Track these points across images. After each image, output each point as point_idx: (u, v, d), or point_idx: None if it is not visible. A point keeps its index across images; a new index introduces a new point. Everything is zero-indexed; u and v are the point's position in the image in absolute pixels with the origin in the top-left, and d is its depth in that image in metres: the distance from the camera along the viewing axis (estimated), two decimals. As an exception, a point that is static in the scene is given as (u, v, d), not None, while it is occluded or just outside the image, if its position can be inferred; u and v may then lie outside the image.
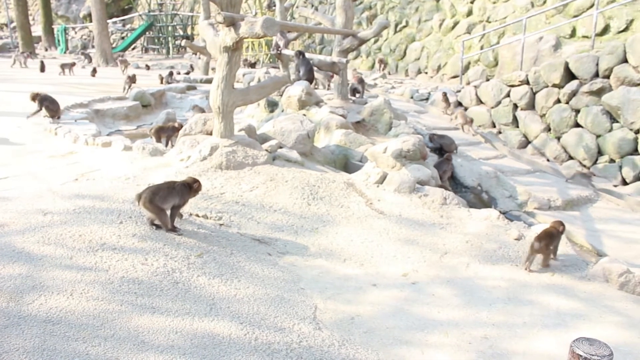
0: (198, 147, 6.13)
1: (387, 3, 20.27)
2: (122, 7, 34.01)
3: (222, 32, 5.97)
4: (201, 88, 13.85)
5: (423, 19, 18.58)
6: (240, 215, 4.96)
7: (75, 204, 4.93)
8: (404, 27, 19.41)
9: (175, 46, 27.56)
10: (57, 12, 35.04)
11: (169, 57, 25.10)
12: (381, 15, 20.25)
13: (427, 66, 17.89)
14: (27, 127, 8.39)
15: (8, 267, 3.80)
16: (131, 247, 4.18)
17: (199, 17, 21.24)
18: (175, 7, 28.66)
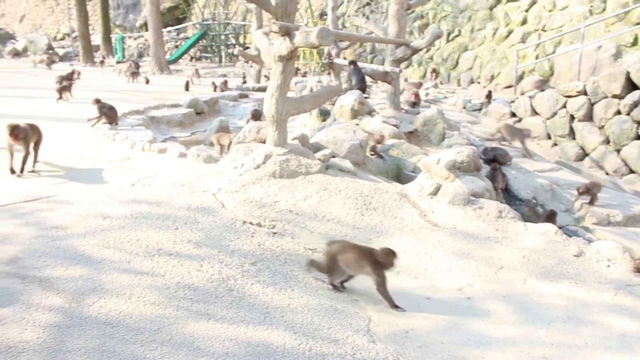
0: (252, 155, 6.18)
1: (439, 12, 20.12)
2: (176, 17, 34.79)
3: (276, 41, 6.01)
4: (253, 96, 14.02)
5: (476, 27, 18.36)
6: (293, 224, 4.96)
7: (132, 209, 5.03)
8: (456, 36, 19.22)
9: (227, 54, 27.98)
10: (115, 21, 36.14)
11: (221, 66, 25.52)
12: (433, 24, 20.10)
13: (480, 76, 17.66)
14: (87, 133, 8.65)
15: (70, 269, 3.90)
16: (187, 253, 4.24)
17: (251, 26, 21.53)
18: (228, 16, 29.12)
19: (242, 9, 29.22)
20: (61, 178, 6.25)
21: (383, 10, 23.11)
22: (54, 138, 8.37)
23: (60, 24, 43.18)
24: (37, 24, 45.45)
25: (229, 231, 4.67)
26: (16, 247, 4.29)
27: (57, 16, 44.30)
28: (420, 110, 10.27)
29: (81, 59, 27.86)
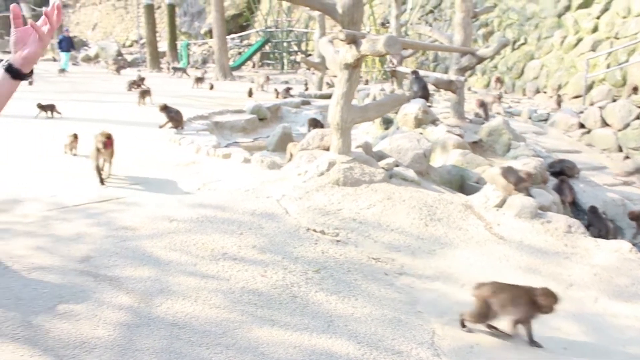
0: (315, 162, 6.20)
1: (504, 20, 19.73)
2: (240, 24, 35.43)
3: (342, 49, 6.02)
4: (315, 103, 14.09)
5: (543, 35, 17.90)
6: (357, 233, 4.94)
7: (198, 213, 5.13)
8: (522, 44, 18.80)
9: (289, 62, 28.27)
10: (180, 29, 37.10)
11: (283, 72, 25.81)
12: (498, 32, 19.73)
13: (547, 85, 17.20)
14: (154, 137, 8.89)
15: (139, 269, 4.00)
16: (251, 258, 4.28)
17: (314, 34, 21.68)
18: (291, 23, 29.46)
19: (305, 17, 29.47)
20: (129, 180, 6.43)
21: (446, 18, 22.87)
22: (123, 141, 8.64)
23: (129, 31, 44.66)
24: (108, 31, 47.17)
25: (292, 238, 4.69)
26: (88, 246, 4.44)
27: (127, 24, 45.84)
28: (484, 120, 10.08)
29: (148, 65, 28.70)
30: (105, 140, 6.13)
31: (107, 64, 28.27)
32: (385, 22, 23.74)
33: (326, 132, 7.06)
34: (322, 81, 16.99)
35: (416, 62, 23.34)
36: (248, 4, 34.14)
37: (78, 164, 7.23)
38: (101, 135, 6.18)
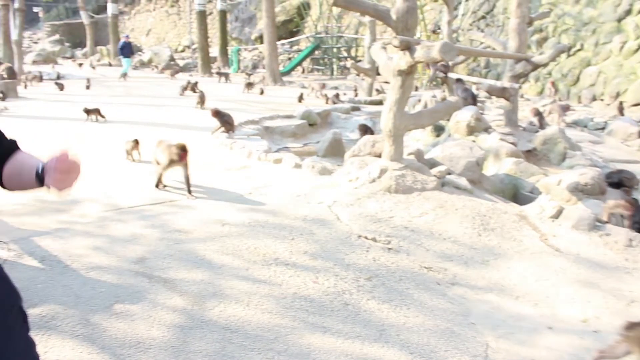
0: (367, 168, 6.16)
1: (559, 25, 19.28)
2: (290, 30, 35.68)
3: (396, 55, 5.97)
4: (365, 109, 14.05)
5: (601, 41, 17.40)
6: (409, 241, 4.88)
7: (250, 217, 5.16)
8: (578, 50, 18.32)
9: (339, 67, 28.31)
10: (231, 34, 37.62)
11: (332, 78, 25.86)
12: (553, 38, 19.29)
13: (604, 92, 16.70)
14: (206, 141, 9.02)
15: (192, 272, 4.05)
16: (302, 264, 4.27)
17: (364, 40, 21.65)
18: (341, 29, 29.50)
19: (355, 22, 29.48)
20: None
21: (499, 23, 22.50)
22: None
23: (181, 37, 45.58)
24: (161, 37, 48.26)
25: (344, 244, 4.67)
26: (143, 247, 4.52)
27: (179, 30, 46.79)
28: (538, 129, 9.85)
29: (199, 70, 29.21)
30: (181, 152, 6.01)
31: (156, 68, 29.05)
32: (436, 28, 23.52)
33: (378, 139, 7.02)
34: (371, 87, 16.94)
35: (467, 68, 23.03)
36: (298, 10, 34.38)
37: (133, 166, 7.41)
38: (177, 148, 6.03)
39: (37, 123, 10.93)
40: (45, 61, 35.77)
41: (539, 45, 19.79)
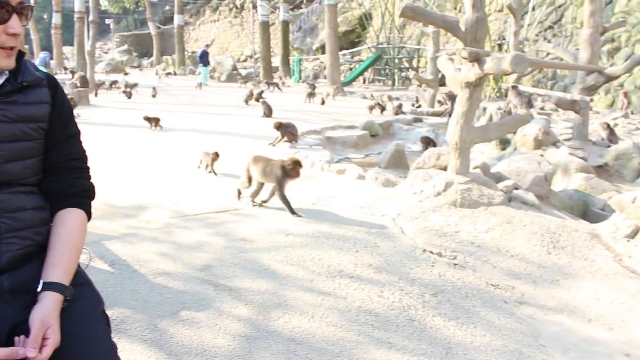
0: (431, 181, 6.07)
1: (634, 34, 18.56)
2: (351, 40, 35.83)
3: (464, 67, 5.88)
4: (427, 121, 13.91)
5: (678, 53, 16.67)
6: (475, 257, 4.76)
7: (314, 228, 5.16)
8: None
9: (400, 78, 28.17)
10: (293, 44, 38.06)
11: (393, 89, 25.74)
12: (626, 49, 18.58)
13: (680, 107, 15.97)
14: (269, 151, 9.11)
15: (257, 281, 4.07)
16: (367, 277, 4.22)
17: (426, 50, 21.48)
18: (403, 40, 29.36)
19: (417, 33, 29.31)
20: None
21: (567, 33, 21.89)
22: (239, 153, 8.93)
23: (244, 47, 46.49)
24: (224, 47, 49.33)
25: (408, 258, 4.60)
26: (208, 255, 4.58)
27: (242, 40, 47.73)
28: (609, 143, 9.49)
29: (261, 79, 29.65)
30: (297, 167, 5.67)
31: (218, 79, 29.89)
32: (501, 39, 23.09)
33: (442, 152, 6.92)
34: (434, 98, 16.75)
35: (532, 80, 22.47)
36: (360, 21, 34.47)
37: (198, 174, 7.55)
38: (292, 163, 5.68)
39: (106, 130, 11.33)
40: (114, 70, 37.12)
41: (610, 56, 19.12)
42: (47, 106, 1.82)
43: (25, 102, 1.76)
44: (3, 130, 1.69)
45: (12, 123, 1.72)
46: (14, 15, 1.60)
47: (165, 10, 58.80)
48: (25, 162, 1.77)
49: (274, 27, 37.21)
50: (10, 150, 1.72)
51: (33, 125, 1.77)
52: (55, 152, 1.87)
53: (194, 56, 43.06)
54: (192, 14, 56.95)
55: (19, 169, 1.75)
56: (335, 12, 23.96)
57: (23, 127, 1.75)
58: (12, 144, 1.72)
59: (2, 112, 1.70)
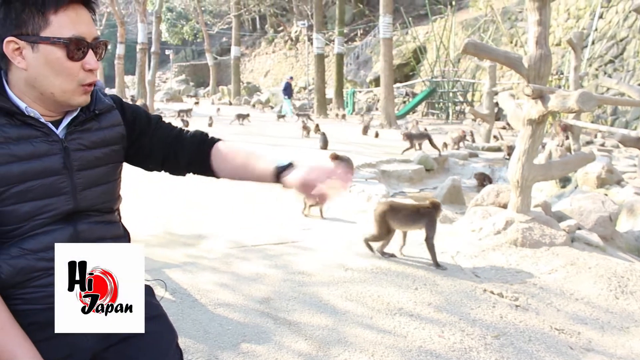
0: (491, 219, 5.97)
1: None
2: (405, 73, 35.93)
3: (526, 104, 5.81)
4: (483, 156, 13.74)
5: None
6: (537, 299, 4.63)
7: (372, 264, 5.13)
8: None
9: (454, 112, 27.99)
10: (347, 77, 38.41)
11: (447, 123, 25.57)
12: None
13: None
14: (325, 183, 9.16)
15: (316, 316, 4.06)
16: (427, 316, 4.16)
17: (482, 85, 21.32)
18: (458, 73, 29.24)
19: (472, 67, 29.17)
20: (303, 225, 6.64)
21: (629, 68, 21.35)
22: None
23: (297, 78, 47.15)
24: (279, 78, 50.15)
25: (469, 298, 4.51)
26: (268, 287, 4.60)
27: (296, 71, 48.48)
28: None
29: (315, 111, 29.98)
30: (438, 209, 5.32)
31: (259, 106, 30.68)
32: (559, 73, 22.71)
33: (502, 189, 6.81)
34: (490, 133, 16.55)
35: (591, 115, 21.95)
36: (415, 54, 34.56)
37: (256, 205, 7.65)
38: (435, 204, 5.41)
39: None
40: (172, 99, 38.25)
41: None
42: (119, 127, 1.89)
43: (99, 128, 1.83)
44: (80, 158, 1.77)
45: (87, 150, 1.79)
46: (90, 52, 1.67)
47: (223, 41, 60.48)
48: (101, 188, 1.84)
49: (328, 60, 37.66)
50: (87, 177, 1.79)
51: (107, 150, 1.85)
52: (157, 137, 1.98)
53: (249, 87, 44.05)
54: (248, 46, 58.35)
55: (96, 194, 1.82)
56: (391, 45, 24.10)
57: (97, 152, 1.82)
58: (89, 171, 1.79)
59: (78, 141, 1.77)
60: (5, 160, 1.63)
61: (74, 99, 1.69)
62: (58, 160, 1.72)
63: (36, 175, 1.68)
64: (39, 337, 1.67)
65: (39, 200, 1.68)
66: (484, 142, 15.98)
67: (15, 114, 1.66)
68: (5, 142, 1.64)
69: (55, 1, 1.58)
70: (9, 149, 1.64)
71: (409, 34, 35.47)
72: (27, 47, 1.60)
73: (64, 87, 1.65)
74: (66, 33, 1.60)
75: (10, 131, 1.65)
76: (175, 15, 59.28)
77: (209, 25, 49.78)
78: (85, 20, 1.66)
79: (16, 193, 1.65)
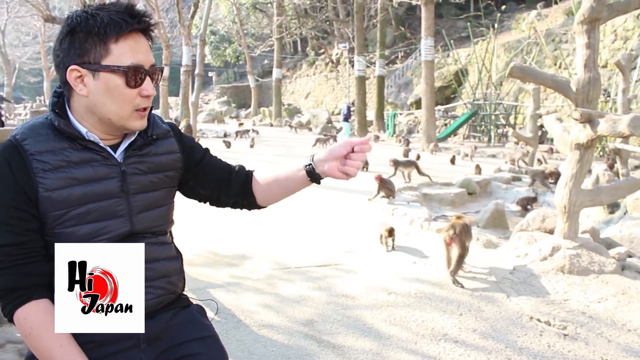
0: (536, 245, 5.87)
1: None
2: (446, 96, 35.73)
3: (574, 128, 5.72)
4: (526, 179, 13.50)
5: None
6: (587, 329, 4.51)
7: (416, 288, 5.09)
8: None
9: (496, 135, 27.66)
10: (387, 99, 38.41)
11: (489, 146, 25.27)
12: None
13: None
14: (367, 205, 9.18)
15: (360, 340, 4.04)
16: (472, 343, 4.10)
17: (526, 108, 21.04)
18: (500, 96, 28.93)
19: (515, 89, 28.82)
20: (346, 247, 6.64)
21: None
22: (338, 207, 9.04)
23: (338, 100, 47.36)
24: (319, 100, 50.52)
25: (514, 325, 4.43)
26: (311, 309, 4.61)
27: (337, 93, 48.72)
28: None
29: (356, 133, 30.02)
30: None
31: (291, 127, 31.04)
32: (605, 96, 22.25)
33: (548, 214, 6.69)
34: (533, 157, 16.29)
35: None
36: (456, 76, 34.39)
37: (299, 226, 7.69)
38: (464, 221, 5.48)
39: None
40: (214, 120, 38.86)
41: None
42: (175, 155, 1.95)
43: (156, 154, 1.89)
44: (137, 182, 1.82)
45: (143, 175, 1.85)
46: (147, 78, 1.73)
47: (264, 64, 61.32)
48: (156, 211, 1.90)
49: (369, 82, 37.78)
50: (143, 200, 1.84)
51: (161, 175, 1.90)
52: (207, 171, 2.07)
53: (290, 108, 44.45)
54: (289, 68, 59.01)
55: (150, 218, 1.87)
56: (433, 68, 24.03)
57: (153, 177, 1.88)
58: (145, 195, 1.85)
59: (136, 165, 1.83)
60: (67, 183, 1.69)
61: (130, 124, 1.75)
62: (116, 183, 1.78)
63: (95, 198, 1.74)
64: (95, 355, 1.72)
65: (98, 223, 1.74)
66: (528, 165, 15.73)
67: (77, 139, 1.72)
68: (67, 165, 1.70)
69: (116, 31, 1.65)
70: (71, 172, 1.70)
71: (451, 57, 35.33)
72: (88, 74, 1.67)
73: (121, 113, 1.71)
74: (125, 61, 1.66)
75: (72, 155, 1.72)
76: (219, 38, 60.48)
77: (251, 48, 50.59)
78: (143, 48, 1.72)
79: (76, 215, 1.71)
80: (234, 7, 47.76)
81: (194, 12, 24.63)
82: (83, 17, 1.67)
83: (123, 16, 1.66)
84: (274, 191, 2.04)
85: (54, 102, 1.76)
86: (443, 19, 43.57)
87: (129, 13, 1.67)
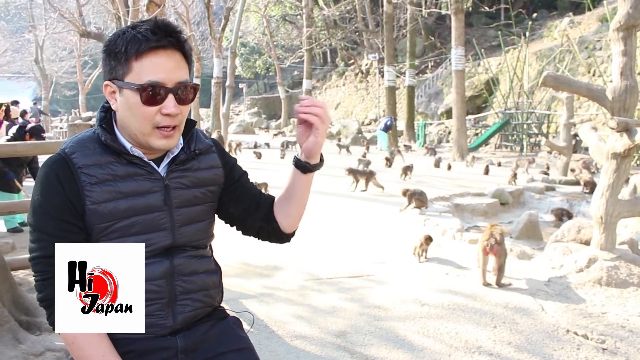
0: (572, 256, 5.77)
1: None
2: (477, 105, 35.40)
3: (611, 137, 5.63)
4: (560, 189, 13.29)
5: None
6: (627, 343, 4.40)
7: (449, 300, 5.04)
8: None
9: (529, 144, 27.30)
10: (417, 109, 38.23)
11: (522, 155, 24.93)
12: None
13: None
14: (399, 215, 9.13)
15: (393, 351, 4.01)
16: (507, 356, 4.03)
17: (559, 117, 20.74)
18: (532, 104, 28.56)
19: (547, 98, 28.42)
20: (378, 257, 6.61)
21: None
22: (370, 218, 9.01)
23: (368, 110, 47.32)
24: (349, 110, 50.51)
25: (550, 339, 4.34)
26: (344, 320, 4.60)
27: (366, 104, 48.66)
28: None
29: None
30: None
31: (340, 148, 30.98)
32: None
33: (583, 224, 6.57)
34: (567, 166, 16.01)
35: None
36: (487, 85, 34.07)
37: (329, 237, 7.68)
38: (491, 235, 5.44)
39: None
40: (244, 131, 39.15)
41: None
42: (218, 170, 1.98)
43: (198, 168, 1.92)
44: (180, 196, 1.85)
45: (187, 189, 1.88)
46: (169, 96, 1.71)
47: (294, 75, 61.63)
48: (197, 225, 1.93)
49: (399, 92, 37.68)
50: (185, 214, 1.87)
51: (203, 190, 1.93)
52: (240, 192, 2.06)
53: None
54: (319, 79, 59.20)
55: (192, 231, 1.90)
56: (463, 77, 23.88)
57: (196, 192, 1.91)
58: (187, 209, 1.88)
59: (179, 180, 1.86)
60: (113, 196, 1.73)
61: (152, 141, 1.75)
62: (159, 197, 1.81)
63: (140, 211, 1.78)
64: None
65: (141, 235, 1.78)
66: (561, 175, 15.47)
67: (122, 153, 1.76)
68: (113, 179, 1.75)
69: (136, 48, 1.67)
70: (117, 186, 1.74)
71: (481, 66, 35.07)
72: (117, 90, 1.73)
73: (141, 130, 1.73)
74: (143, 79, 1.67)
75: (118, 169, 1.76)
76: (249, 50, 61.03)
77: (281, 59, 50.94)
78: (167, 65, 1.70)
79: (121, 228, 1.75)
80: (263, 20, 48.19)
81: (224, 24, 24.98)
82: (115, 35, 1.73)
83: (146, 33, 1.67)
84: (286, 204, 2.02)
85: (102, 117, 1.82)
86: (473, 28, 43.26)
87: (152, 30, 1.68)
